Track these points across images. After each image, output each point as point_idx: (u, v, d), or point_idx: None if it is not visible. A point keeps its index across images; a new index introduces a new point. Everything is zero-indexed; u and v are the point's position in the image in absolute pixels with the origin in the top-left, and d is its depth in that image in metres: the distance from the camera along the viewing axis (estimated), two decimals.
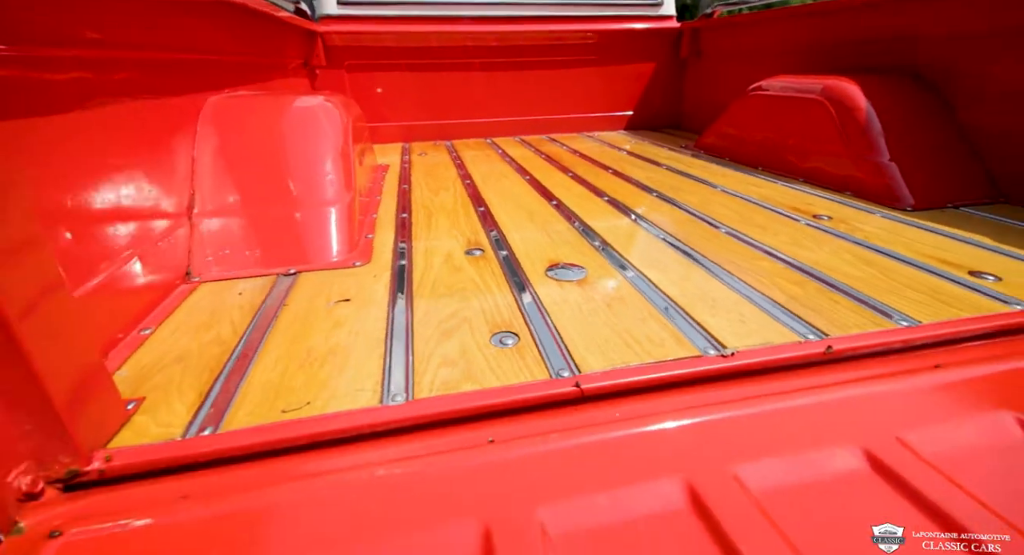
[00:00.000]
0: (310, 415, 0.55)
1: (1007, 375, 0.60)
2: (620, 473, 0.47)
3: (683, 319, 0.75)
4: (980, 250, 0.98)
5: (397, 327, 0.75)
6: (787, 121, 1.62)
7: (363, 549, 0.41)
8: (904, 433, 0.50)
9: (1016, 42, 1.22)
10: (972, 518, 0.42)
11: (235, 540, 0.42)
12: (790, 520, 0.42)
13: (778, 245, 1.03)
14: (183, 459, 0.50)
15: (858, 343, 0.66)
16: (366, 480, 0.47)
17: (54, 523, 0.43)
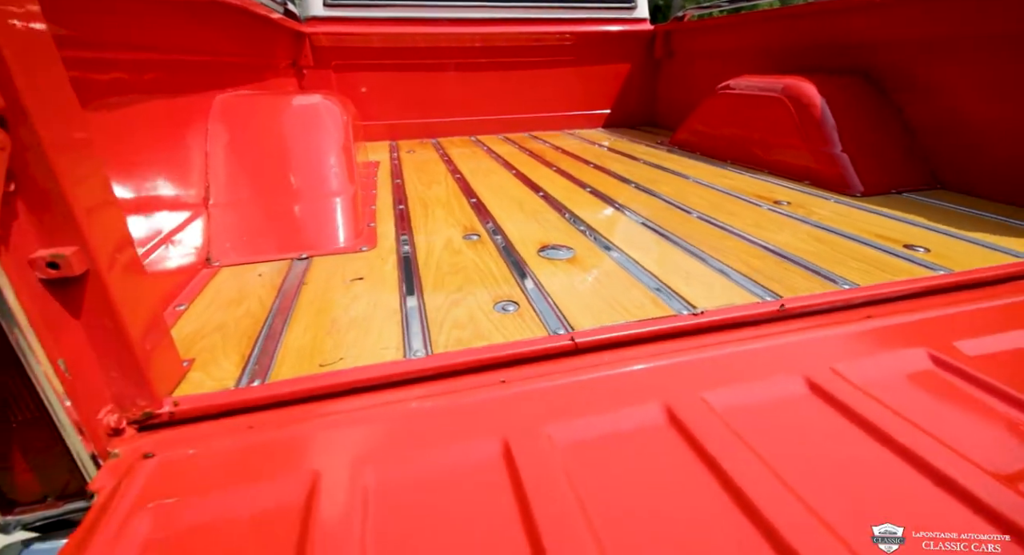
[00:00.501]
0: (343, 368, 0.64)
1: (924, 322, 0.73)
2: (610, 400, 0.58)
3: (661, 288, 0.86)
4: (916, 228, 1.12)
5: (409, 299, 0.84)
6: (752, 117, 1.76)
7: (413, 457, 0.50)
8: (837, 365, 0.62)
9: (950, 49, 1.38)
10: (890, 427, 0.53)
11: (301, 455, 0.51)
12: (747, 429, 0.53)
13: (743, 227, 1.15)
14: (241, 403, 0.58)
15: (806, 302, 0.78)
16: (403, 412, 0.57)
17: (144, 449, 0.51)
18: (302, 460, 0.50)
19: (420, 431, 0.54)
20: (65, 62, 0.47)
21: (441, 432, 0.54)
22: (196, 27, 1.12)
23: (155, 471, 0.49)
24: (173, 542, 0.42)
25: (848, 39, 1.68)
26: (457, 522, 0.44)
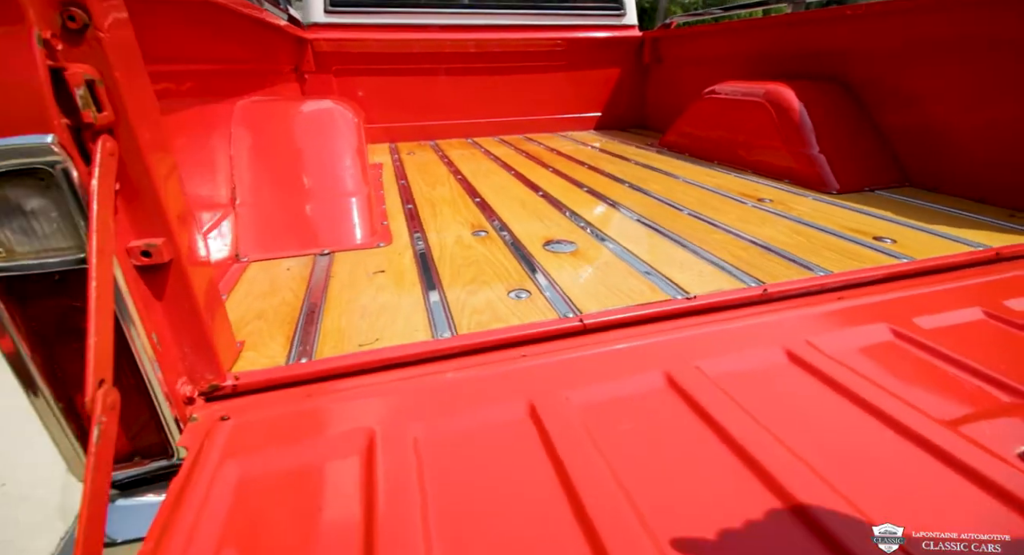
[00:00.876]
0: (381, 347, 0.72)
1: (888, 303, 0.83)
2: (617, 370, 0.67)
3: (656, 276, 0.95)
4: (885, 222, 1.23)
5: (430, 289, 0.92)
6: (736, 121, 1.87)
7: (454, 416, 0.59)
8: (812, 338, 0.72)
9: (916, 59, 1.50)
10: (856, 387, 0.63)
11: (355, 417, 0.59)
12: (736, 390, 0.62)
13: (729, 222, 1.25)
14: (296, 377, 0.66)
15: (785, 287, 0.88)
16: (440, 381, 0.65)
17: (220, 413, 0.59)
18: (357, 420, 0.58)
19: (458, 396, 0.62)
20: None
21: (476, 396, 0.62)
22: (222, 38, 1.19)
23: (233, 431, 0.56)
24: (258, 485, 0.50)
25: (824, 48, 1.80)
26: (497, 465, 0.52)
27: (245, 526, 0.46)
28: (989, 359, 0.66)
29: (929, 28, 1.45)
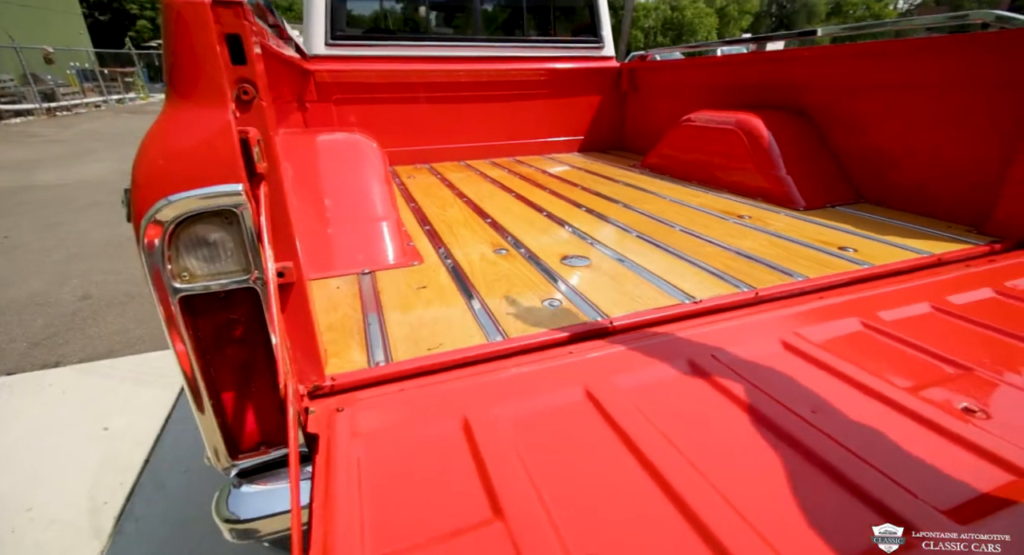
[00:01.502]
0: (448, 350, 0.85)
1: (855, 301, 1.01)
2: (649, 360, 0.81)
3: (663, 284, 1.11)
4: (846, 234, 1.44)
5: (471, 301, 1.05)
6: (711, 146, 2.09)
7: (527, 401, 0.72)
8: (799, 331, 0.89)
9: (864, 94, 1.74)
10: (836, 365, 0.79)
11: (447, 405, 0.71)
12: (743, 370, 0.78)
13: (717, 236, 1.43)
14: (382, 377, 0.77)
15: (773, 290, 1.05)
16: (507, 376, 0.78)
17: (334, 406, 0.70)
18: (449, 407, 0.70)
19: (525, 386, 0.75)
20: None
21: (541, 386, 0.75)
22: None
23: (350, 418, 0.67)
24: (385, 456, 0.62)
25: (784, 82, 2.05)
26: (568, 434, 0.65)
27: (383, 485, 0.57)
28: (936, 342, 0.84)
29: (871, 70, 1.70)
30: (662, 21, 30.84)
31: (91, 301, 2.79)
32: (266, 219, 0.57)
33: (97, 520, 1.44)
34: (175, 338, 0.58)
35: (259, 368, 0.65)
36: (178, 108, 0.55)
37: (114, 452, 1.69)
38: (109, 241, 3.77)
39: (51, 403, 1.95)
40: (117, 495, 1.52)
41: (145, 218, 0.53)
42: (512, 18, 3.03)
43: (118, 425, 1.82)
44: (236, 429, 0.66)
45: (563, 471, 0.59)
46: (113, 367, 2.19)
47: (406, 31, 2.94)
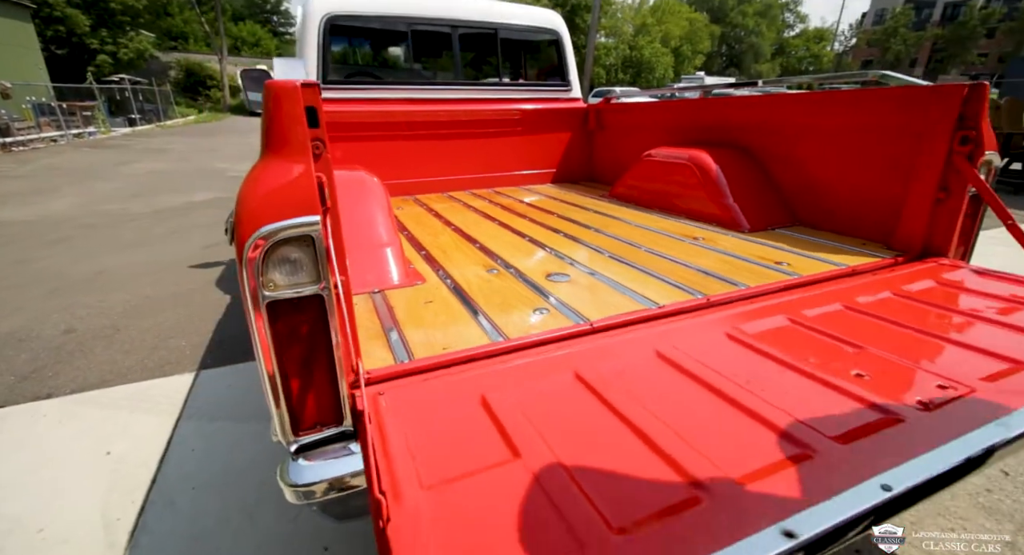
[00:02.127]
0: (459, 349, 1.02)
1: (784, 303, 1.25)
2: (624, 352, 1.01)
3: (632, 293, 1.33)
4: (782, 251, 1.71)
5: (473, 312, 1.23)
6: (669, 178, 2.37)
7: (533, 383, 0.90)
8: (739, 326, 1.11)
9: (794, 134, 2.07)
10: (768, 348, 1.01)
11: (467, 389, 0.89)
12: (701, 356, 0.99)
13: (675, 255, 1.67)
14: (409, 370, 0.94)
15: (721, 296, 1.28)
16: (514, 366, 0.96)
17: (374, 393, 0.86)
18: (468, 389, 0.88)
19: (527, 373, 0.94)
20: None
21: (541, 372, 0.94)
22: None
23: (389, 400, 0.84)
24: (422, 425, 0.79)
25: (732, 124, 2.37)
26: (564, 402, 0.84)
27: (425, 442, 0.74)
28: (842, 330, 1.08)
29: (801, 115, 2.03)
30: (622, 59, 32.67)
31: (76, 335, 2.81)
32: (333, 241, 0.75)
33: (112, 535, 1.50)
34: (261, 336, 0.75)
35: (318, 361, 0.81)
36: (272, 160, 0.74)
37: (120, 474, 1.75)
38: (87, 276, 3.77)
39: (49, 432, 1.98)
40: (129, 512, 1.58)
41: (248, 242, 0.70)
42: (488, 63, 3.33)
43: (120, 450, 1.87)
44: (299, 411, 0.82)
45: (562, 426, 0.78)
46: (107, 396, 2.23)
47: (391, 76, 3.19)
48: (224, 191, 7.29)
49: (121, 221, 5.55)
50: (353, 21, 2.74)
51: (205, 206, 6.37)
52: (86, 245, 4.60)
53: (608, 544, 0.56)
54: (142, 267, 3.99)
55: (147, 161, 10.61)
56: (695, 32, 37.65)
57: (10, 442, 1.92)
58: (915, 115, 1.58)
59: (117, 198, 6.78)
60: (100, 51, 25.71)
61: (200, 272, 3.89)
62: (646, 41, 32.97)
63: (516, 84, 3.21)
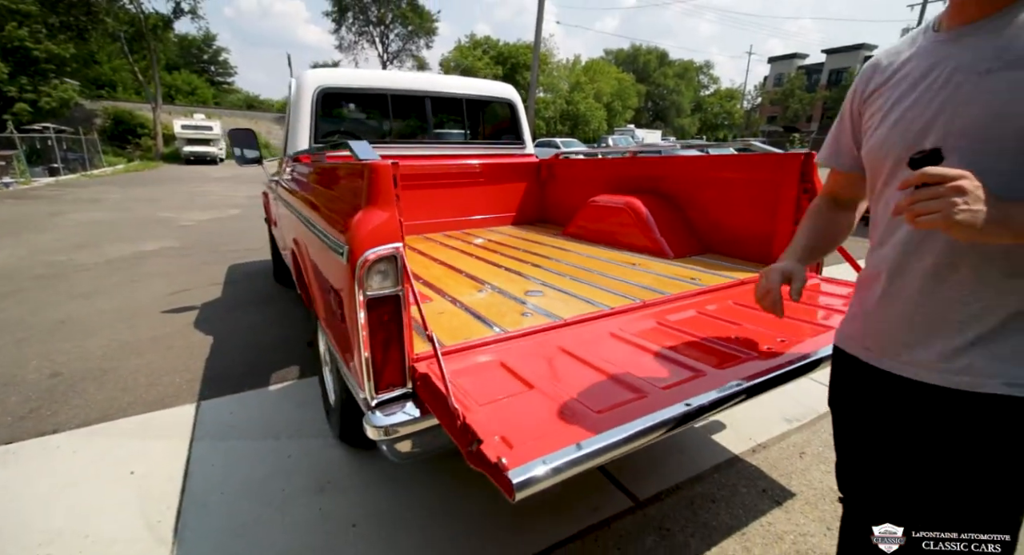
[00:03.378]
0: (474, 338, 1.44)
1: (692, 304, 1.78)
2: (588, 334, 1.48)
3: (590, 300, 1.81)
4: (695, 270, 2.28)
5: (475, 316, 1.66)
6: (610, 218, 2.95)
7: (532, 352, 1.33)
8: (667, 317, 1.61)
9: (702, 184, 2.72)
10: (673, 325, 1.51)
11: (489, 357, 1.30)
12: (636, 334, 1.46)
13: (619, 275, 2.19)
14: (446, 351, 1.35)
15: (652, 300, 1.79)
16: (515, 346, 1.39)
17: (425, 363, 1.26)
18: (491, 359, 1.30)
19: (526, 349, 1.37)
20: None
21: (536, 348, 1.38)
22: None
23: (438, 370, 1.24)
24: (465, 379, 1.19)
25: (655, 176, 3.02)
26: (554, 360, 1.28)
27: (468, 385, 1.15)
28: (728, 316, 1.61)
29: (704, 171, 2.69)
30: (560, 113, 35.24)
31: (63, 378, 2.90)
32: (407, 259, 1.17)
33: (157, 534, 1.71)
34: (362, 323, 1.14)
35: (393, 341, 1.21)
36: (373, 209, 1.16)
37: (148, 488, 1.94)
38: (52, 325, 3.78)
39: (66, 461, 2.12)
40: (167, 516, 1.79)
41: (359, 261, 1.11)
42: (456, 124, 3.89)
43: (143, 469, 2.05)
44: (379, 376, 1.20)
45: (555, 372, 1.22)
46: (115, 428, 2.38)
47: (371, 137, 3.66)
48: (176, 240, 7.19)
49: (72, 271, 5.45)
50: (341, 92, 3.21)
51: (157, 255, 6.28)
52: (41, 296, 4.53)
53: (594, 417, 0.99)
54: (110, 315, 4.02)
55: (82, 211, 10.20)
56: (624, 90, 41.49)
57: (29, 472, 2.05)
58: (774, 172, 2.24)
59: (60, 249, 6.58)
60: (18, 99, 24.42)
61: (174, 316, 4.00)
62: (581, 97, 35.94)
63: (479, 142, 3.77)
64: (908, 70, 0.88)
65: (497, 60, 34.17)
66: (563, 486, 1.73)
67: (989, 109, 0.76)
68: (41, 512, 1.81)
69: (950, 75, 0.81)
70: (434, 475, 2.00)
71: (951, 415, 0.86)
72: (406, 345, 1.23)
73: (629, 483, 1.96)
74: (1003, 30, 0.77)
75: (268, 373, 2.95)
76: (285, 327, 3.74)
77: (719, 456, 2.16)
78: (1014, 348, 0.81)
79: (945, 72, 0.81)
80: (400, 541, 1.68)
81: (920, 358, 0.88)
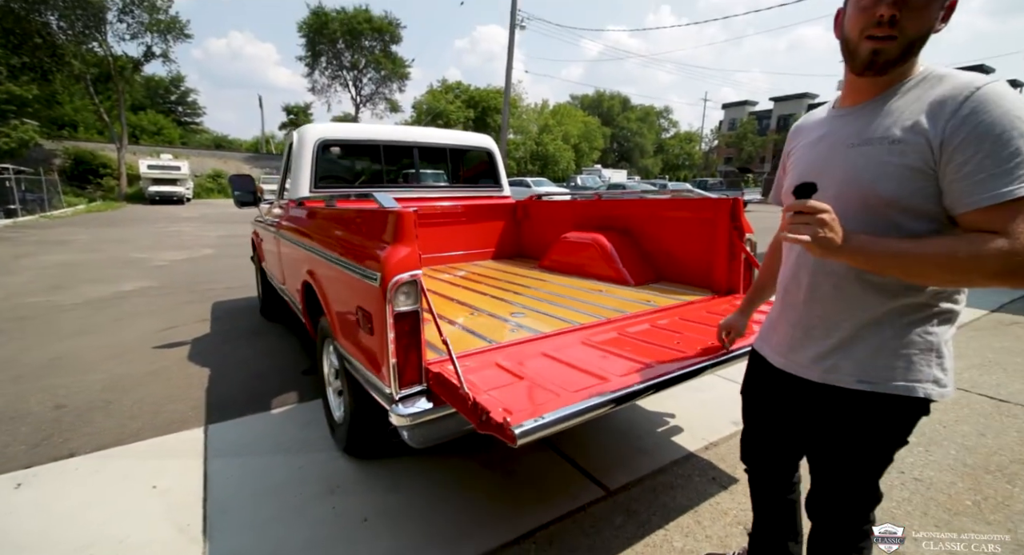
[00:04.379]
0: (473, 348, 1.79)
1: (647, 319, 2.19)
2: (563, 344, 1.85)
3: (564, 319, 2.19)
4: (650, 294, 2.71)
5: (472, 333, 2.01)
6: (580, 252, 3.39)
7: (516, 357, 1.69)
8: (627, 330, 2.01)
9: (655, 222, 3.20)
10: (633, 335, 1.90)
11: (483, 361, 1.65)
12: (601, 343, 1.84)
13: (589, 299, 2.60)
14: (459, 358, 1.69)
15: (615, 318, 2.19)
16: (505, 353, 1.75)
17: (438, 365, 1.60)
18: (488, 362, 1.65)
19: (517, 355, 1.73)
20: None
21: (523, 353, 1.74)
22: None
23: (448, 370, 1.58)
24: (473, 375, 1.53)
25: (616, 215, 3.50)
26: (537, 362, 1.64)
27: (476, 379, 1.49)
28: (673, 328, 2.02)
29: (656, 211, 3.18)
30: (530, 153, 36.73)
31: (68, 409, 3.03)
32: (423, 283, 1.53)
33: (187, 535, 1.91)
34: (391, 332, 1.48)
35: (412, 348, 1.54)
36: (399, 244, 1.52)
37: (172, 499, 2.14)
38: (44, 363, 3.87)
39: (88, 480, 2.28)
40: (194, 520, 2.00)
41: (390, 284, 1.47)
42: (440, 170, 4.34)
43: (165, 484, 2.25)
44: (401, 376, 1.53)
45: (539, 368, 1.58)
46: (130, 451, 2.55)
47: (366, 180, 4.05)
48: (154, 280, 7.20)
49: (52, 312, 5.47)
50: (338, 143, 3.61)
51: (137, 295, 6.30)
52: (27, 336, 4.58)
53: (570, 394, 1.36)
54: (102, 351, 4.13)
55: (50, 253, 10.05)
56: (590, 132, 43.74)
57: (54, 491, 2.21)
58: (710, 212, 2.73)
59: (36, 291, 6.54)
60: None
61: (167, 351, 4.14)
62: (550, 138, 37.68)
63: (462, 186, 4.22)
64: (811, 135, 1.17)
65: (469, 103, 35.67)
66: (546, 481, 2.11)
67: (846, 174, 1.02)
68: (73, 524, 1.99)
69: (831, 144, 1.09)
70: (432, 477, 2.28)
71: (823, 404, 1.14)
72: (422, 351, 1.56)
73: (602, 477, 2.29)
74: (868, 115, 1.03)
75: (268, 399, 3.17)
76: (277, 358, 3.95)
77: (677, 453, 2.52)
78: (864, 352, 1.05)
79: (829, 141, 1.10)
80: (406, 529, 1.95)
81: (801, 359, 1.16)
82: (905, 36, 0.97)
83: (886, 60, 1.00)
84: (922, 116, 0.95)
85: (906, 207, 0.97)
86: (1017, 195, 0.86)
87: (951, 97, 0.93)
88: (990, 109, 0.88)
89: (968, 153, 0.89)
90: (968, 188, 0.90)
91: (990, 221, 0.89)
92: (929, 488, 2.22)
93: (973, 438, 2.67)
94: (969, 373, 3.58)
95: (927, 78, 1.00)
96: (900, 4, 0.94)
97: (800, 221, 0.93)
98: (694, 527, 1.98)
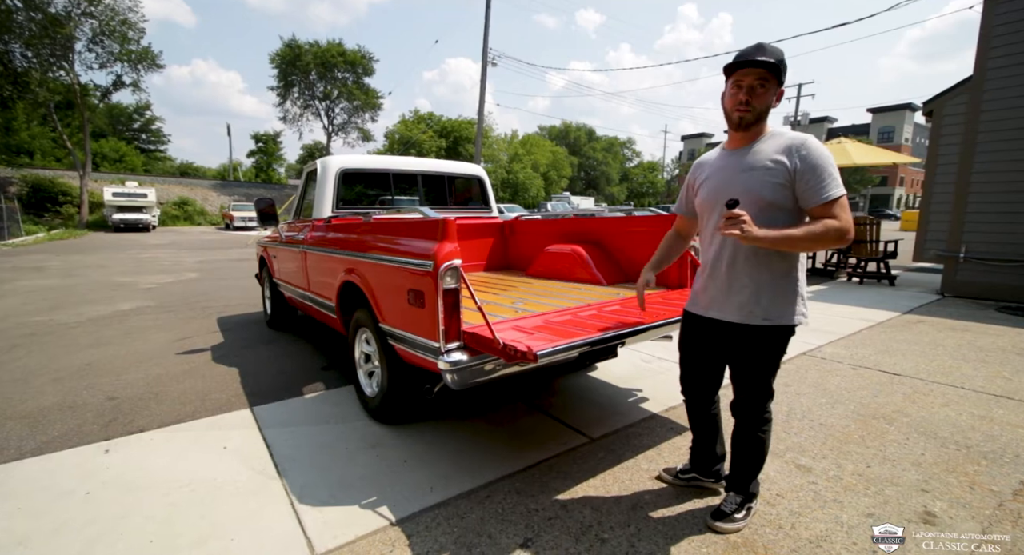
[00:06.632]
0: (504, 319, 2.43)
1: (617, 304, 2.89)
2: (557, 320, 2.53)
3: (555, 307, 2.87)
4: (619, 290, 3.42)
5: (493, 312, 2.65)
6: (562, 261, 4.09)
7: (524, 327, 2.34)
8: (602, 309, 2.70)
9: (621, 235, 3.95)
10: (601, 310, 2.59)
11: (500, 328, 2.30)
12: (584, 317, 2.52)
13: (572, 295, 3.29)
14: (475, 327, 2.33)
15: (594, 304, 2.88)
16: (514, 326, 2.41)
17: (472, 329, 2.24)
18: (506, 328, 2.29)
19: (523, 324, 2.39)
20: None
21: (528, 323, 2.39)
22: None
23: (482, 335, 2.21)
24: (499, 332, 2.18)
25: (590, 230, 4.24)
26: (543, 327, 2.30)
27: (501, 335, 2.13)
28: (617, 314, 2.73)
29: (622, 226, 3.94)
30: (501, 181, 37.96)
31: (121, 400, 3.45)
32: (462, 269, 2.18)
33: (264, 473, 2.43)
34: (441, 304, 2.11)
35: (454, 315, 2.18)
36: (446, 242, 2.17)
37: (243, 454, 2.64)
38: (78, 367, 4.23)
39: (163, 447, 2.75)
40: (267, 466, 2.51)
41: (441, 268, 2.11)
42: (440, 192, 5.02)
43: (233, 446, 2.74)
44: (447, 335, 2.15)
45: (544, 330, 2.24)
46: (192, 427, 3.02)
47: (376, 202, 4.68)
48: (149, 300, 7.44)
49: (61, 329, 5.71)
50: (356, 172, 4.26)
51: (138, 313, 6.55)
52: (47, 348, 4.86)
53: (564, 339, 2.02)
54: (129, 358, 4.50)
55: (30, 278, 10.04)
56: (558, 161, 45.57)
57: (139, 454, 2.67)
58: (663, 226, 3.50)
59: (34, 312, 6.71)
60: None
61: (191, 356, 4.56)
62: (519, 167, 39.11)
63: (457, 207, 4.90)
64: (712, 167, 1.90)
65: (440, 134, 36.81)
66: (542, 434, 2.73)
67: (743, 188, 1.72)
68: (167, 472, 2.47)
69: (729, 170, 1.80)
70: (453, 434, 2.86)
71: (740, 336, 1.84)
72: (460, 317, 2.20)
73: (585, 429, 2.93)
74: (745, 154, 1.77)
75: (298, 388, 3.68)
76: (295, 359, 4.45)
77: (644, 414, 3.19)
78: (767, 300, 1.76)
79: (727, 169, 1.81)
80: (438, 465, 2.52)
81: (727, 309, 1.87)
82: (754, 111, 1.75)
83: (747, 122, 1.77)
84: (779, 154, 1.71)
85: (780, 206, 1.71)
86: (834, 196, 1.63)
87: (793, 145, 1.71)
88: (814, 153, 1.67)
89: (808, 175, 1.66)
90: (811, 194, 1.66)
91: (825, 211, 1.64)
92: (830, 429, 2.96)
93: (868, 398, 3.46)
94: (875, 357, 4.43)
95: (773, 134, 1.79)
96: (750, 94, 1.72)
97: (732, 222, 1.60)
98: (655, 456, 2.64)
